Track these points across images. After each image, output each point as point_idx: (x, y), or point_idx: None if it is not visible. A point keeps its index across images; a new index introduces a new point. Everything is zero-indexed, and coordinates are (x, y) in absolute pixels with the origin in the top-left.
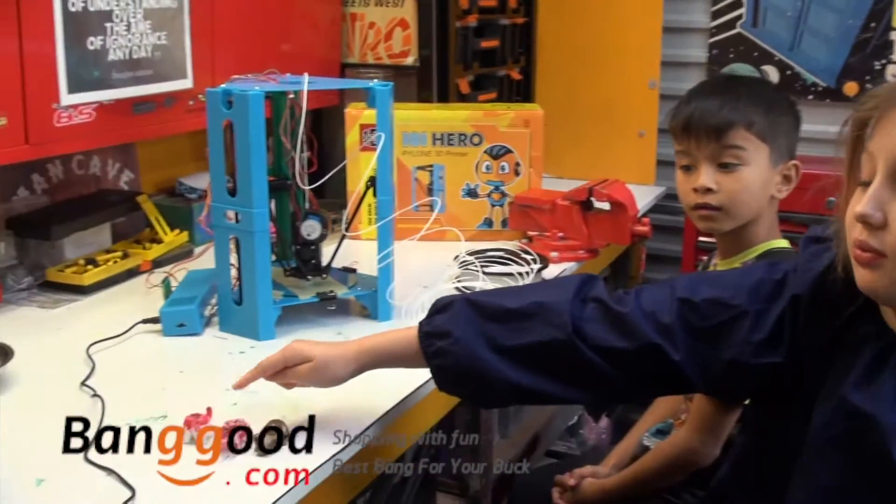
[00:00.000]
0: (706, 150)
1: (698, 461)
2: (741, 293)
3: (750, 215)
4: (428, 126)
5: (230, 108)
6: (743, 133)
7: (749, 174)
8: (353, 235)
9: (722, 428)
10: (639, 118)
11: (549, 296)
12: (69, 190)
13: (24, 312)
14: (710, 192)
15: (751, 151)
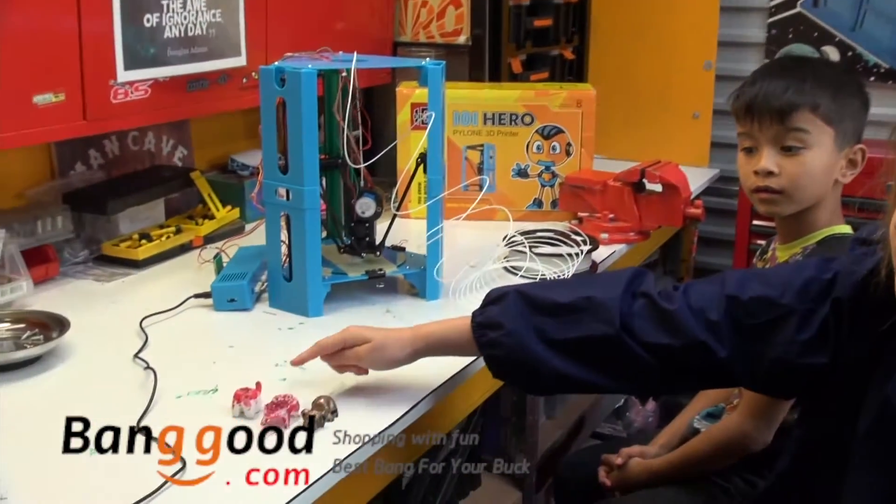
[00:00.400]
0: (769, 133)
1: (750, 447)
2: (790, 292)
3: (812, 199)
4: (479, 105)
5: (283, 86)
6: (808, 116)
7: (812, 158)
8: (402, 214)
9: (775, 414)
10: (693, 99)
11: (598, 291)
12: (124, 165)
13: (80, 285)
14: (771, 176)
15: (815, 135)
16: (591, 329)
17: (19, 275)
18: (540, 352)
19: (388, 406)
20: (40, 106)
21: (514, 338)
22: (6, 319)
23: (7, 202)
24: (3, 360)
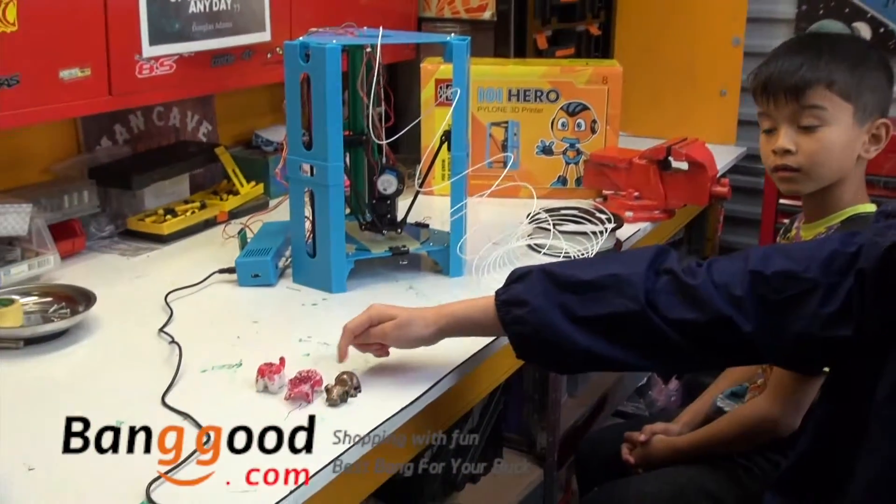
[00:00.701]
0: (785, 111)
1: (777, 431)
2: (814, 266)
3: (833, 177)
4: (504, 82)
5: (307, 62)
6: (823, 92)
7: (830, 135)
8: (426, 191)
9: (802, 398)
10: (721, 76)
11: (622, 268)
12: (149, 141)
13: (105, 259)
14: (788, 154)
15: (832, 111)
16: (616, 305)
17: (46, 249)
18: (566, 329)
19: (412, 382)
20: (66, 81)
21: (539, 315)
22: (34, 293)
23: (34, 177)
24: (31, 332)
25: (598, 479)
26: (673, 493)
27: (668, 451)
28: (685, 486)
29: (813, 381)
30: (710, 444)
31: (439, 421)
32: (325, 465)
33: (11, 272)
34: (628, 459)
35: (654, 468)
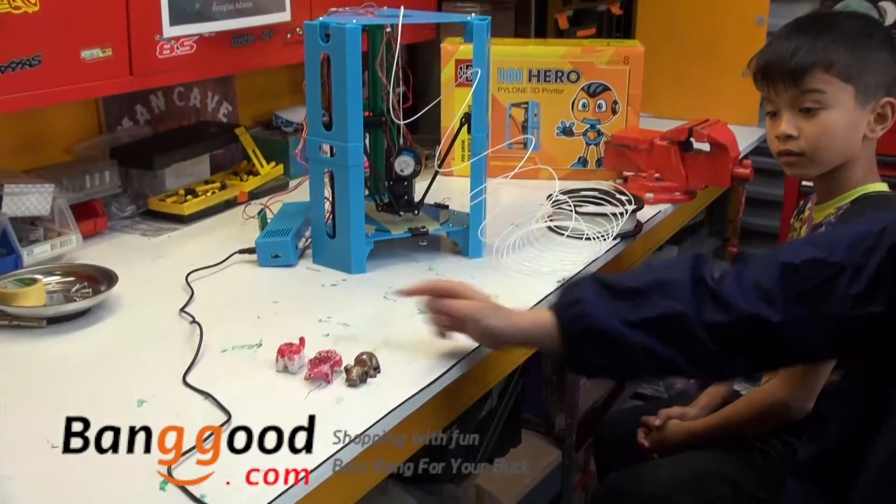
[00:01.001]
0: (785, 96)
1: (789, 414)
2: (839, 249)
3: (838, 159)
4: (524, 62)
5: (327, 42)
6: (821, 75)
7: (831, 118)
8: (445, 172)
9: (815, 381)
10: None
11: (667, 273)
12: (170, 121)
13: (127, 239)
14: (791, 139)
15: (831, 94)
16: (663, 307)
17: (69, 229)
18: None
19: (431, 364)
20: (88, 61)
21: (598, 310)
22: (56, 272)
23: (56, 157)
24: (54, 312)
25: (615, 461)
26: (690, 477)
27: (683, 436)
28: (702, 470)
29: (825, 364)
30: (724, 428)
31: (459, 402)
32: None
33: (34, 252)
34: (644, 444)
35: (670, 453)
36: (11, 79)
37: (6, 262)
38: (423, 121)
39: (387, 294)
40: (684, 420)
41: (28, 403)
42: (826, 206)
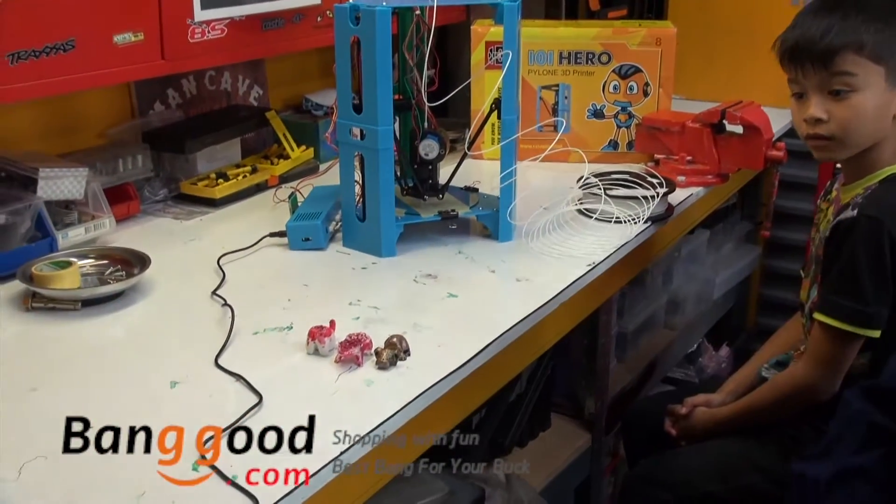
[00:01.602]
0: (814, 79)
1: (815, 396)
2: None
3: (868, 141)
4: (555, 44)
5: (357, 25)
6: (852, 58)
7: (862, 100)
8: (474, 155)
9: (841, 362)
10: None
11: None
12: (201, 105)
13: (159, 223)
14: (820, 123)
15: (862, 76)
16: None
17: (102, 212)
18: None
19: (460, 347)
20: (120, 45)
21: None
22: (90, 255)
23: (89, 141)
24: (89, 294)
25: (644, 446)
26: (719, 465)
27: (710, 423)
28: (732, 458)
29: (852, 343)
30: (751, 413)
31: (488, 385)
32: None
33: (69, 235)
34: (671, 432)
35: (698, 440)
36: (45, 64)
37: (41, 245)
38: (452, 104)
39: (416, 277)
40: (710, 406)
41: (63, 384)
42: (854, 187)
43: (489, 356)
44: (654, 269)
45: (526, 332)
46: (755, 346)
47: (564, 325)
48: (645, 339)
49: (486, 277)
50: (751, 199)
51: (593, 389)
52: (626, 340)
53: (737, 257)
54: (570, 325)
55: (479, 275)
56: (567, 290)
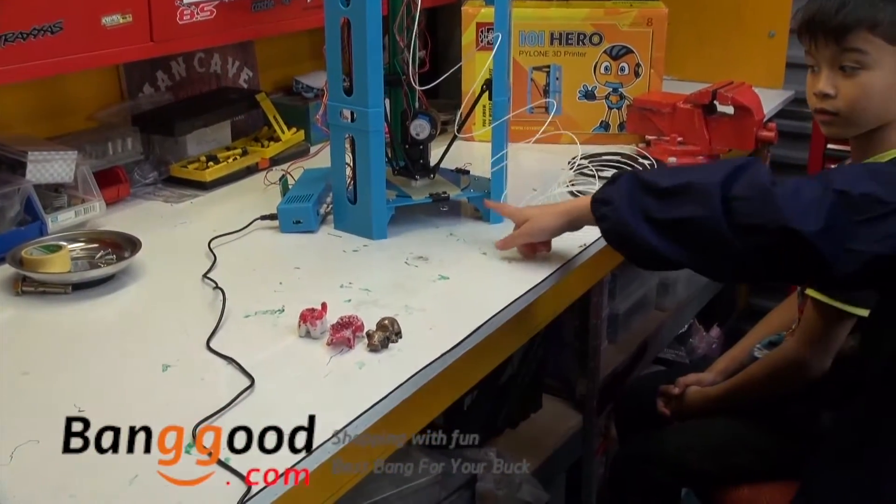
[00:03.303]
0: (826, 53)
1: (807, 373)
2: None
3: (874, 121)
4: (546, 25)
5: (347, 6)
6: (865, 35)
7: (870, 79)
8: (466, 137)
9: (832, 340)
10: (769, 17)
11: (700, 177)
12: (191, 87)
13: (149, 206)
14: (828, 98)
15: (873, 55)
16: (688, 211)
17: (92, 196)
18: (640, 228)
19: (452, 328)
20: (108, 27)
21: (620, 213)
22: (81, 239)
23: (79, 124)
24: (79, 278)
25: (636, 426)
26: (712, 444)
27: (703, 402)
28: (724, 436)
29: (843, 322)
30: (743, 391)
31: (479, 367)
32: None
33: (59, 219)
34: (664, 412)
35: (690, 419)
36: (33, 45)
37: (31, 228)
38: (443, 85)
39: (408, 259)
40: (702, 385)
41: (53, 369)
42: None
43: (481, 338)
44: None
45: (517, 313)
46: (746, 326)
47: (556, 307)
48: (636, 320)
49: (478, 259)
50: None
51: (585, 371)
52: (618, 322)
53: None
54: (562, 306)
55: (470, 257)
56: (558, 271)
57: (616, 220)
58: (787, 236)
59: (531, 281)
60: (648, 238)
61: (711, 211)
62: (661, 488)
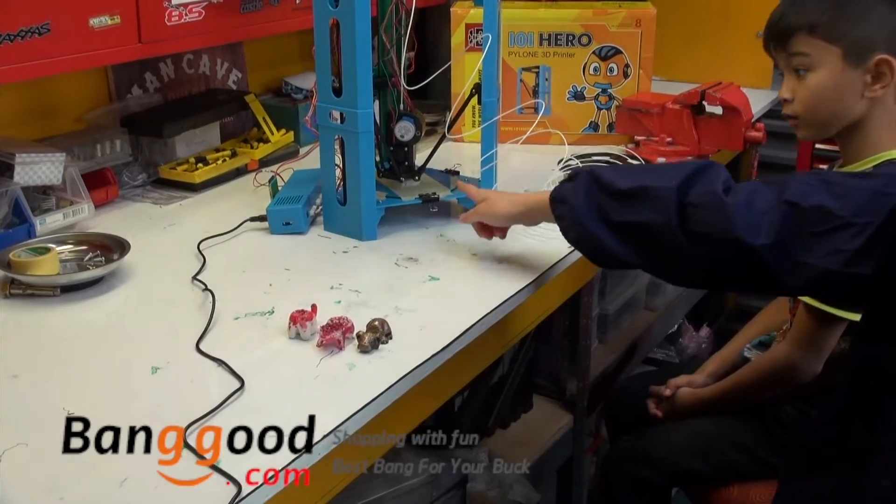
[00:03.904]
0: (780, 59)
1: (798, 377)
2: (851, 203)
3: (835, 120)
4: (535, 25)
5: (336, 7)
6: (805, 38)
7: (818, 79)
8: (455, 138)
9: (824, 343)
10: (758, 17)
11: (657, 180)
12: (180, 89)
13: (139, 208)
14: (787, 102)
15: (816, 56)
16: (644, 216)
17: (81, 198)
18: (597, 230)
19: (442, 329)
20: (96, 29)
21: (577, 214)
22: (69, 241)
23: (67, 126)
24: (67, 280)
25: (626, 426)
26: (702, 443)
27: (694, 403)
28: (715, 436)
29: (835, 326)
30: (734, 393)
31: (470, 368)
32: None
33: (47, 221)
34: (656, 413)
35: (682, 420)
36: (21, 47)
37: (19, 231)
38: (433, 86)
39: (398, 260)
40: (693, 387)
41: (44, 371)
42: (850, 169)
43: (471, 339)
44: None
45: (508, 314)
46: (735, 326)
47: (546, 307)
48: (626, 320)
49: (468, 260)
50: None
51: (575, 371)
52: (608, 322)
53: None
54: (552, 307)
55: (460, 258)
56: (548, 272)
57: (573, 220)
58: (736, 248)
59: (521, 281)
60: (605, 240)
61: (667, 217)
62: (651, 487)
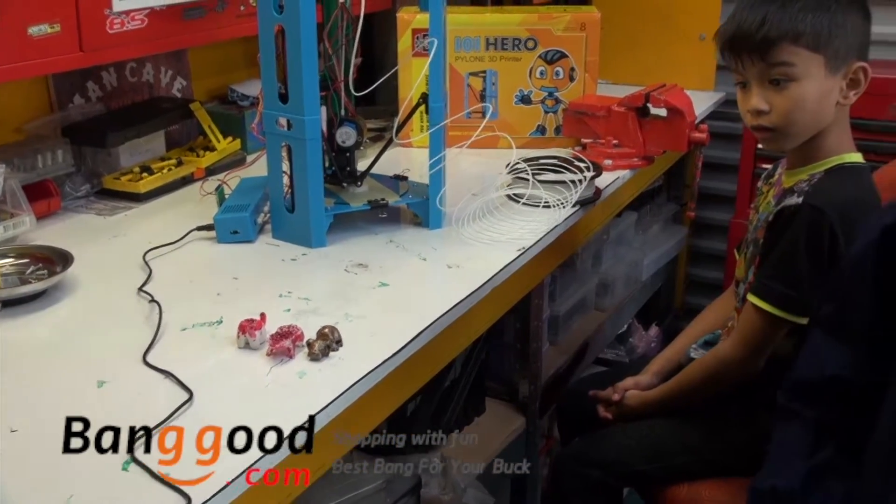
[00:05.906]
0: (753, 70)
1: (740, 374)
2: None
3: (811, 130)
4: (481, 30)
5: (281, 13)
6: (789, 48)
7: (801, 89)
8: (404, 143)
9: (767, 344)
10: (700, 20)
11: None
12: (123, 97)
13: (82, 219)
14: (762, 114)
15: (800, 66)
16: None
17: (21, 210)
18: None
19: (393, 335)
20: (35, 37)
21: None
22: (10, 255)
23: (6, 137)
24: (8, 294)
25: (579, 427)
26: (651, 445)
27: (642, 405)
28: (664, 438)
29: (780, 328)
30: (681, 392)
31: (422, 373)
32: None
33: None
34: (606, 417)
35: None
36: None
37: None
38: (380, 91)
39: (347, 267)
40: (639, 388)
41: None
42: (798, 172)
43: (422, 343)
44: (584, 252)
45: (458, 318)
46: (683, 324)
47: (496, 311)
48: (576, 321)
49: (418, 265)
50: (676, 181)
51: (527, 373)
52: (558, 323)
53: (664, 238)
54: (502, 310)
55: (410, 263)
56: (498, 275)
57: None
58: None
59: (471, 285)
60: None
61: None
62: (602, 488)
